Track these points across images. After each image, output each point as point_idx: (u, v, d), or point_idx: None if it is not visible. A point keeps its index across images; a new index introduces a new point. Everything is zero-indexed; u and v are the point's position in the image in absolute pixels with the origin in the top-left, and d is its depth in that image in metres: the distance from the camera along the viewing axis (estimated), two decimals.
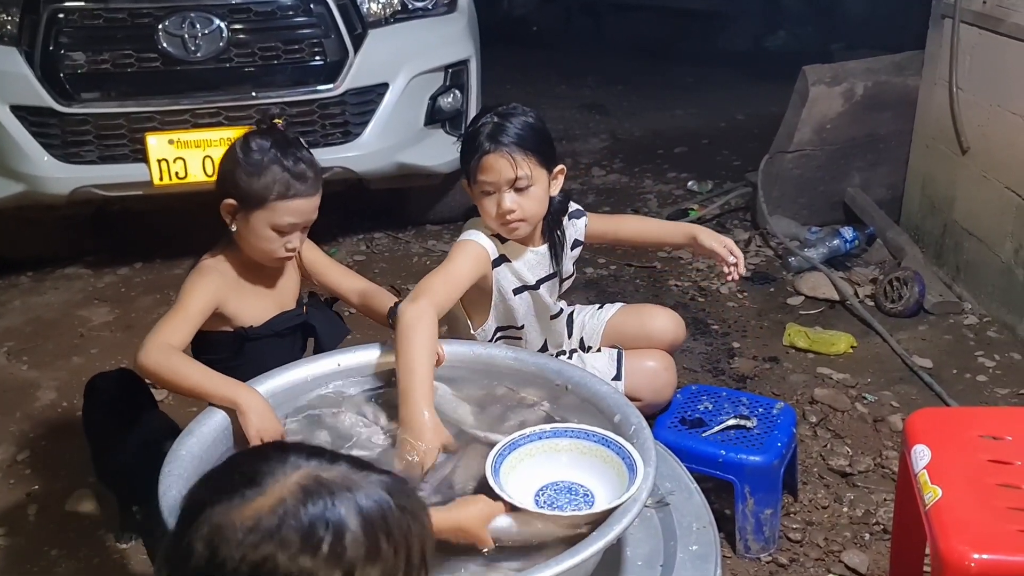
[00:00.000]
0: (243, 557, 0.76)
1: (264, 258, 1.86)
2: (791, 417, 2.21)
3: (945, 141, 3.43)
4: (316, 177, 1.82)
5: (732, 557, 2.11)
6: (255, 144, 1.79)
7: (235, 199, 1.80)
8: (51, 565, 2.15)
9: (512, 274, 2.08)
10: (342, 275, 2.06)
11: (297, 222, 1.81)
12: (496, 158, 1.90)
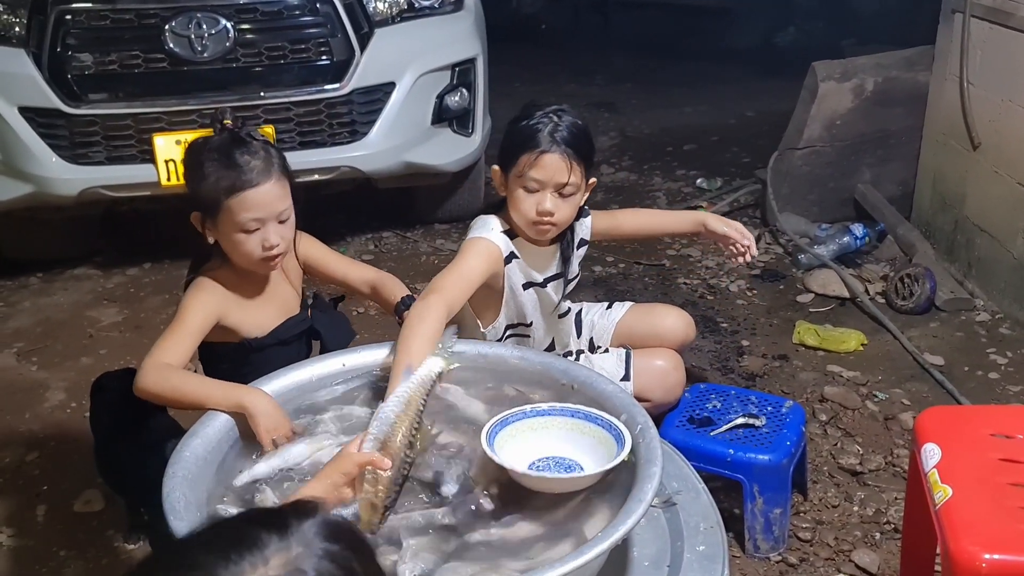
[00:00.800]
0: None
1: (249, 263, 1.80)
2: (800, 416, 2.20)
3: (956, 137, 3.40)
4: (265, 165, 1.73)
5: (741, 557, 2.10)
6: (197, 150, 1.76)
7: (197, 210, 1.78)
8: (60, 566, 2.15)
9: (521, 271, 2.08)
10: (348, 266, 2.03)
11: (260, 216, 1.73)
12: (555, 158, 1.91)
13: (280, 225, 1.78)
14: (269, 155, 1.76)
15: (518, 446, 1.48)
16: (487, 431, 1.46)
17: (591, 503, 1.40)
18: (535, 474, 1.43)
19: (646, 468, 1.37)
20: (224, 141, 1.75)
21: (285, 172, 1.79)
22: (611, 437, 1.46)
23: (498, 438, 1.46)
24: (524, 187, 1.95)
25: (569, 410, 1.53)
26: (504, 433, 1.48)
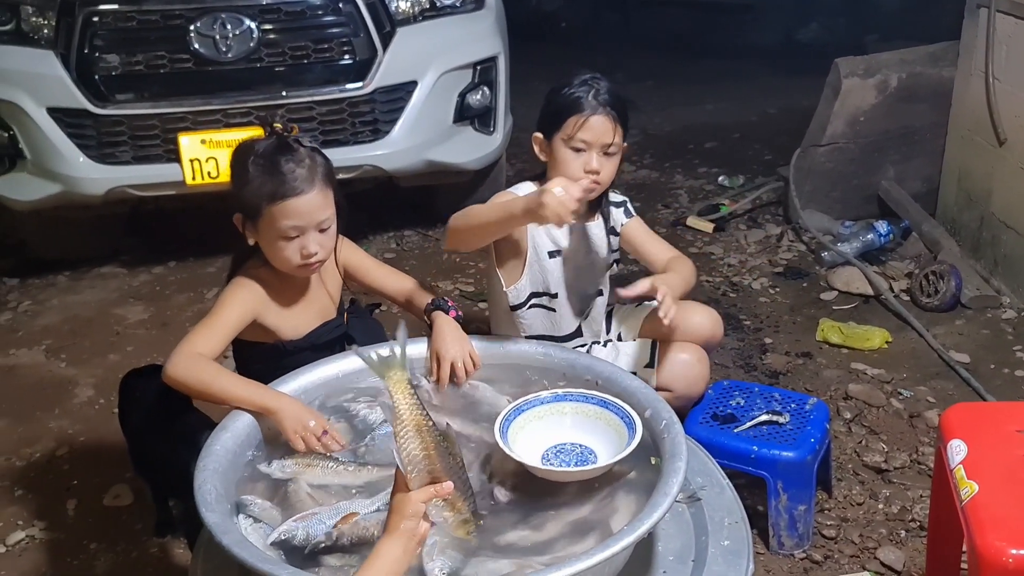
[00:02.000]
0: None
1: (286, 268, 1.80)
2: (824, 412, 2.19)
3: (982, 133, 3.37)
4: (310, 175, 1.73)
5: (765, 553, 2.10)
6: (243, 153, 1.77)
7: (239, 212, 1.78)
8: (90, 558, 2.18)
9: (548, 236, 2.11)
10: (387, 275, 2.03)
11: (300, 224, 1.73)
12: (602, 120, 1.99)
13: (320, 234, 1.77)
14: (314, 163, 1.76)
15: (532, 434, 1.50)
16: (500, 421, 1.48)
17: (616, 498, 1.41)
18: (546, 467, 1.45)
19: (671, 463, 1.37)
20: (271, 146, 1.74)
21: (329, 181, 1.78)
22: (623, 424, 1.47)
23: (512, 426, 1.48)
24: (572, 148, 2.02)
25: (582, 396, 1.55)
26: (519, 421, 1.50)
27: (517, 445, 1.47)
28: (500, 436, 1.45)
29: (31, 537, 2.26)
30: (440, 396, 1.71)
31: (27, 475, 2.51)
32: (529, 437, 1.50)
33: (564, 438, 1.53)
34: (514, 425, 1.50)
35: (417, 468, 1.27)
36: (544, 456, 1.50)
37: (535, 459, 1.47)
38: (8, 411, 2.82)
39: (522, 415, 1.52)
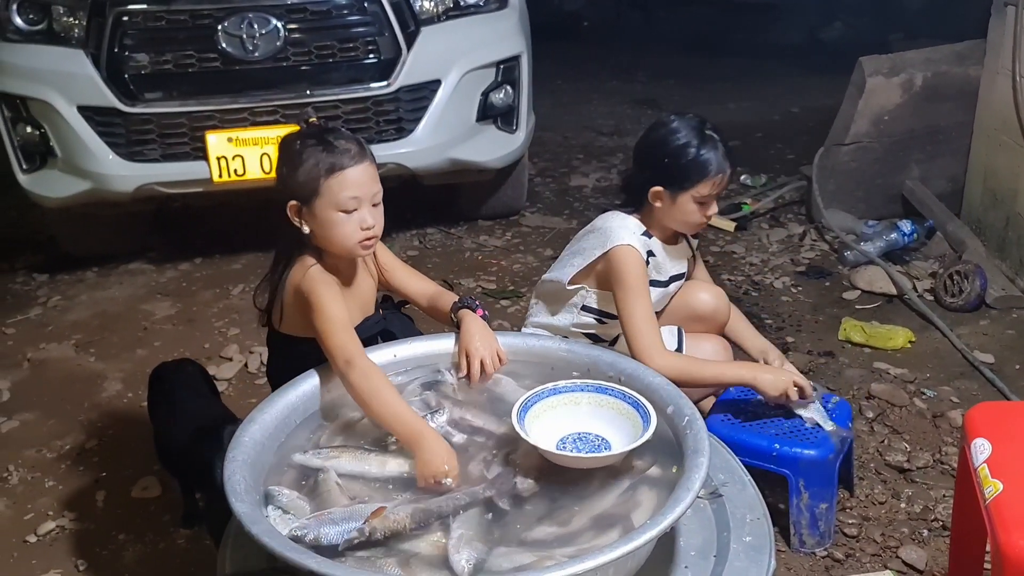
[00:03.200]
0: None
1: (347, 246, 1.80)
2: (847, 411, 2.19)
3: (1008, 131, 3.34)
4: (360, 148, 1.79)
5: (786, 551, 2.10)
6: (292, 141, 1.81)
7: (295, 199, 1.80)
8: (119, 549, 2.22)
9: (652, 269, 2.19)
10: (411, 277, 2.04)
11: (357, 195, 1.76)
12: (728, 174, 2.14)
13: (374, 208, 1.80)
14: (357, 140, 1.82)
15: (548, 422, 1.53)
16: (518, 408, 1.50)
17: (639, 493, 1.43)
18: (560, 452, 1.48)
19: (693, 459, 1.38)
20: (317, 130, 1.80)
21: (374, 160, 1.84)
22: (637, 413, 1.49)
23: (529, 415, 1.51)
24: (701, 201, 2.13)
25: (597, 386, 1.57)
26: (535, 409, 1.53)
27: (533, 432, 1.50)
28: (517, 422, 1.48)
29: (61, 527, 2.31)
30: (463, 391, 1.73)
31: (57, 467, 2.56)
32: (545, 425, 1.54)
33: (579, 427, 1.56)
34: (531, 413, 1.53)
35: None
36: (559, 443, 1.53)
37: (550, 446, 1.50)
38: (38, 404, 2.87)
39: (539, 403, 1.56)
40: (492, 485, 1.45)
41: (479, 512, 1.40)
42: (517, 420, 1.50)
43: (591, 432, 1.55)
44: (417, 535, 1.35)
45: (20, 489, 2.47)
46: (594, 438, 1.54)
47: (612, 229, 2.17)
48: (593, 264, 2.19)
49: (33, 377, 3.05)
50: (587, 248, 2.21)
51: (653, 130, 2.20)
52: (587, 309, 2.25)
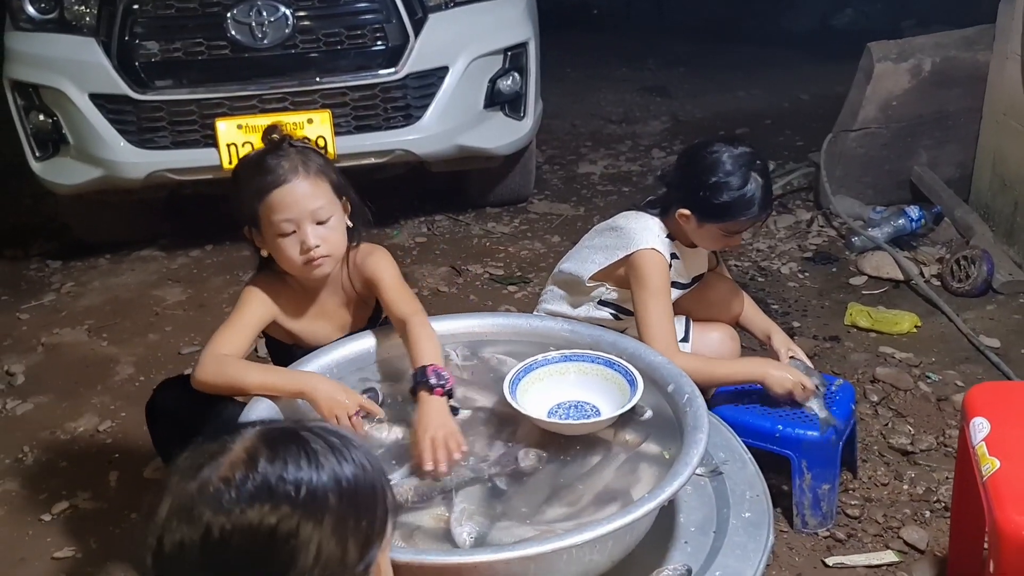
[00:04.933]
0: (231, 514, 0.79)
1: (294, 268, 1.77)
2: (850, 394, 2.21)
3: (1017, 117, 3.34)
4: (293, 165, 1.71)
5: (789, 532, 2.12)
6: (239, 165, 1.81)
7: (245, 223, 1.78)
8: (131, 528, 2.26)
9: (675, 271, 2.21)
10: (393, 297, 1.84)
11: (290, 216, 1.70)
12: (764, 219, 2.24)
13: (319, 226, 1.73)
14: (305, 157, 1.74)
15: (540, 392, 1.57)
16: (509, 381, 1.53)
17: (639, 469, 1.45)
18: (551, 420, 1.52)
19: (692, 435, 1.41)
20: (259, 152, 1.76)
21: (323, 173, 1.75)
22: (625, 381, 1.52)
23: (520, 385, 1.54)
24: (728, 234, 2.16)
25: (586, 356, 1.60)
26: (526, 380, 1.56)
27: (525, 403, 1.53)
28: (509, 394, 1.51)
29: (75, 507, 2.35)
30: (470, 371, 1.75)
31: (71, 448, 2.60)
32: (537, 395, 1.57)
33: (570, 396, 1.60)
34: (521, 385, 1.56)
35: None
36: (551, 412, 1.55)
37: (542, 416, 1.53)
38: (52, 387, 2.91)
39: (528, 375, 1.59)
40: (496, 463, 1.47)
41: (482, 488, 1.43)
42: (509, 392, 1.52)
43: (581, 400, 1.58)
44: (420, 508, 1.38)
45: (35, 470, 2.52)
46: (584, 406, 1.57)
47: (636, 231, 2.17)
48: (615, 264, 2.19)
49: (47, 361, 3.09)
50: (610, 247, 2.20)
51: (698, 154, 2.15)
52: (604, 303, 2.26)
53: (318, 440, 0.86)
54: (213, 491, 0.81)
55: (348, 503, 0.84)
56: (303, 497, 0.81)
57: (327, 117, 3.31)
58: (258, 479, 0.81)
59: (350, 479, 0.85)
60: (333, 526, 0.82)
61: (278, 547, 0.80)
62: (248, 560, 0.80)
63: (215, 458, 0.83)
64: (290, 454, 0.83)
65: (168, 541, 0.81)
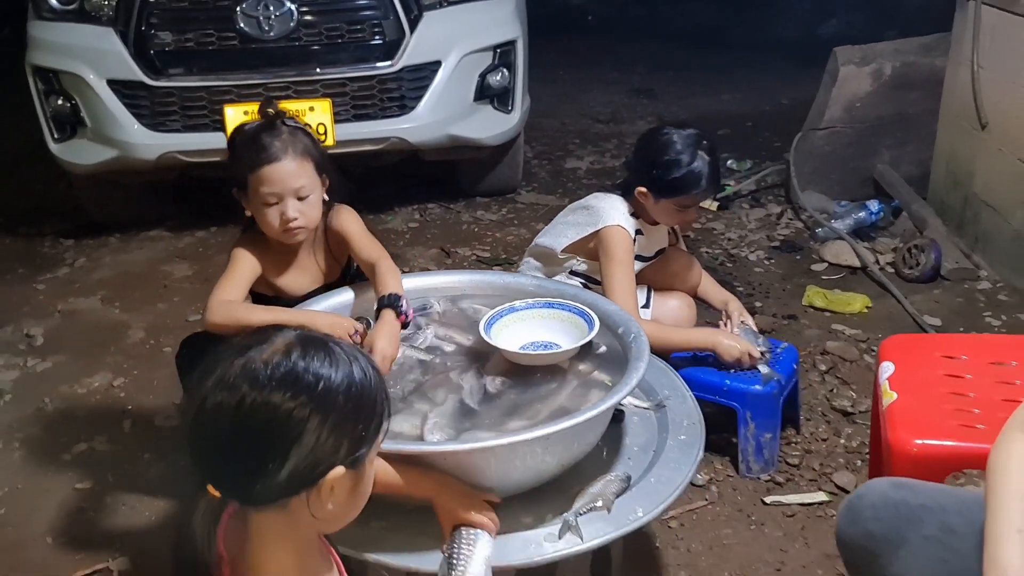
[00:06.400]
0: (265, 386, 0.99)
1: (273, 233, 1.97)
2: (794, 355, 2.46)
3: (967, 118, 3.60)
4: (283, 146, 1.91)
5: (735, 476, 2.37)
6: (235, 134, 2.02)
7: (235, 185, 2.00)
8: (144, 466, 2.50)
9: (638, 245, 2.47)
10: (362, 245, 2.06)
11: (275, 191, 1.90)
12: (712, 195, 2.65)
13: (299, 201, 1.94)
14: (294, 138, 1.94)
15: (511, 333, 1.82)
16: (484, 323, 1.78)
17: (588, 392, 1.70)
18: (520, 352, 1.77)
19: (635, 363, 1.65)
20: (256, 126, 1.97)
21: (308, 154, 1.94)
22: (583, 321, 1.77)
23: (493, 329, 1.79)
24: (681, 209, 2.42)
25: (547, 303, 1.86)
26: (498, 324, 1.81)
27: (498, 341, 1.77)
28: (484, 333, 1.76)
29: (92, 448, 2.59)
30: (448, 316, 2.00)
31: (88, 400, 2.84)
32: (508, 336, 1.81)
33: (536, 336, 1.84)
34: (495, 327, 1.81)
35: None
36: (520, 349, 1.80)
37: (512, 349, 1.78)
38: (70, 347, 3.15)
39: (501, 319, 1.83)
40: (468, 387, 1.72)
41: (454, 405, 1.67)
42: (484, 332, 1.77)
43: (546, 340, 1.82)
44: (401, 415, 1.63)
45: (55, 417, 2.76)
46: (549, 344, 1.81)
47: (605, 210, 2.43)
48: (586, 239, 2.44)
49: (64, 326, 3.33)
50: (581, 223, 2.45)
51: (651, 136, 2.43)
52: (575, 273, 2.51)
53: (340, 350, 1.07)
54: (253, 368, 1.01)
55: (353, 405, 1.04)
56: (319, 391, 1.01)
57: (327, 106, 3.55)
58: (289, 366, 1.02)
59: (359, 385, 1.05)
60: (336, 423, 1.03)
61: (289, 428, 1.00)
62: (264, 431, 1.00)
63: (260, 345, 1.04)
64: (317, 354, 1.04)
65: (211, 401, 1.01)
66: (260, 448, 1.00)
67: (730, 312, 2.52)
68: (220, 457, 1.01)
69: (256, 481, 1.00)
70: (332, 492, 1.04)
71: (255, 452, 1.00)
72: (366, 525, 1.34)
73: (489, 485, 1.51)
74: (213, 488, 1.03)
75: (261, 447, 1.00)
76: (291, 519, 1.04)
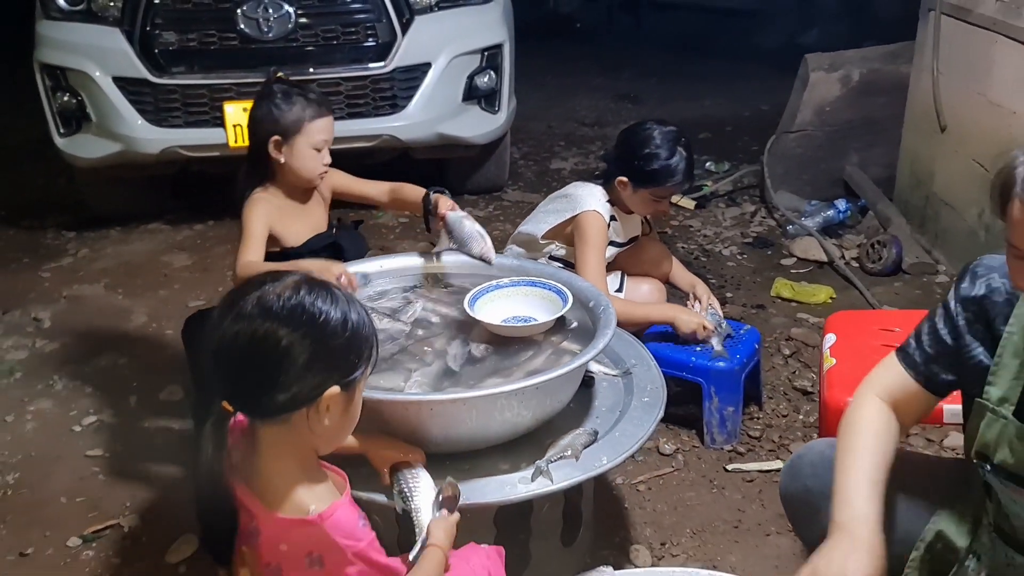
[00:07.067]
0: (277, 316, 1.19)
1: (309, 177, 2.26)
2: (755, 337, 2.65)
3: (928, 121, 3.81)
4: (327, 101, 2.28)
5: (700, 447, 2.56)
6: (277, 90, 2.23)
7: (278, 134, 2.21)
8: (150, 437, 2.67)
9: (613, 231, 2.67)
10: (368, 185, 2.46)
11: (327, 138, 2.23)
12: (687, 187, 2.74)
13: (328, 151, 2.27)
14: (324, 95, 2.31)
15: (493, 308, 2.00)
16: (468, 298, 1.96)
17: (560, 358, 1.87)
18: (500, 324, 1.95)
19: (602, 331, 1.84)
20: (294, 85, 2.25)
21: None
22: (559, 298, 1.96)
23: (476, 304, 1.98)
24: (656, 200, 2.61)
25: (527, 281, 2.05)
26: (483, 299, 2.00)
27: (481, 314, 1.95)
28: (468, 307, 1.94)
29: (101, 420, 2.76)
30: (437, 293, 2.18)
31: (95, 378, 3.00)
32: (490, 310, 1.99)
33: (516, 311, 2.02)
34: (478, 302, 1.99)
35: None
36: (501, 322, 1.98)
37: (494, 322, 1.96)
38: (76, 331, 3.32)
39: (484, 296, 2.01)
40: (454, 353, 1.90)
41: (438, 368, 1.85)
42: (468, 306, 1.96)
43: (525, 315, 2.01)
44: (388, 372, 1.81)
45: (64, 393, 2.92)
46: (527, 318, 2.00)
47: (582, 197, 2.63)
48: (564, 224, 2.64)
49: (70, 310, 3.50)
50: (560, 210, 2.66)
51: (634, 130, 2.64)
52: (554, 258, 2.71)
53: (340, 292, 1.27)
54: (267, 300, 1.20)
55: (348, 337, 1.23)
56: (320, 322, 1.20)
57: None
58: (296, 300, 1.21)
59: (354, 321, 1.25)
60: (333, 351, 1.21)
61: (294, 352, 1.19)
62: (273, 353, 1.19)
63: (274, 282, 1.23)
64: (320, 293, 1.23)
65: (228, 330, 1.21)
66: (269, 368, 1.19)
67: (698, 294, 2.72)
68: (235, 375, 1.20)
69: (265, 396, 1.19)
70: (328, 410, 1.23)
71: (265, 372, 1.19)
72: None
73: (470, 436, 1.69)
74: (228, 404, 1.21)
75: (270, 367, 1.19)
76: (293, 433, 1.23)
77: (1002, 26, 3.17)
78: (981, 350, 1.39)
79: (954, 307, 1.43)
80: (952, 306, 1.43)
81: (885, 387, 1.48)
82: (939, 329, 1.44)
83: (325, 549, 1.23)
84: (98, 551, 2.20)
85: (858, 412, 1.46)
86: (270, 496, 1.24)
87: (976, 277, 1.42)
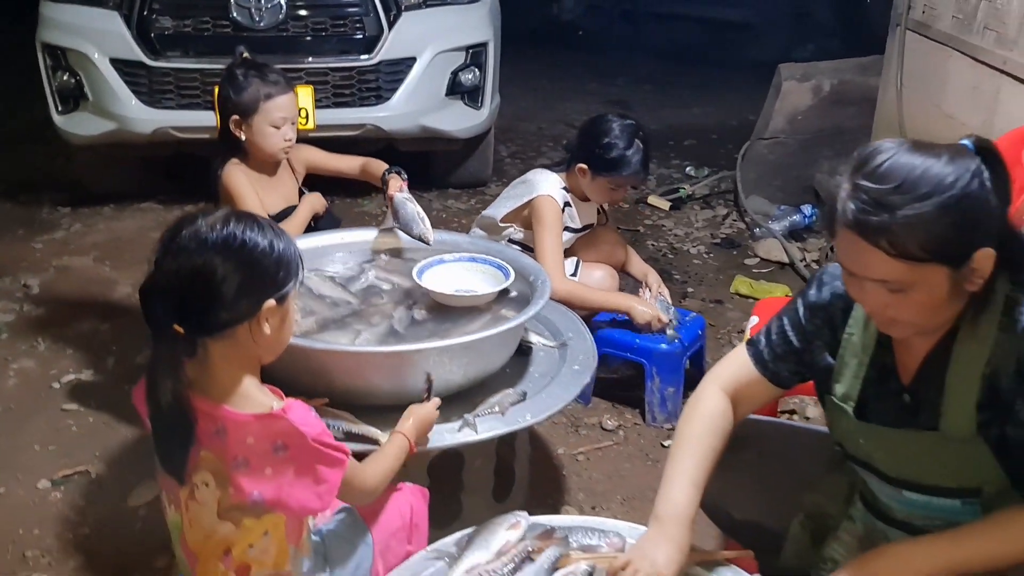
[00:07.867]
0: (210, 247, 1.35)
1: (272, 152, 2.41)
2: (700, 323, 2.79)
3: (892, 132, 3.95)
4: (285, 80, 2.42)
5: (641, 424, 2.70)
6: (237, 71, 2.40)
7: (237, 114, 2.39)
8: (125, 395, 2.76)
9: (568, 217, 2.82)
10: (340, 159, 2.64)
11: (286, 116, 2.38)
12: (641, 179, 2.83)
13: (292, 126, 2.43)
14: (283, 74, 2.46)
15: (438, 280, 2.15)
16: (416, 270, 2.11)
17: (499, 323, 2.02)
18: (448, 292, 2.09)
19: (537, 299, 1.99)
20: (252, 64, 2.41)
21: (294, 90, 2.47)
22: (501, 273, 2.10)
23: (426, 273, 2.13)
24: (613, 189, 2.75)
25: (472, 256, 2.20)
26: (428, 273, 2.15)
27: (428, 284, 2.10)
28: (417, 277, 2.09)
29: (79, 379, 2.91)
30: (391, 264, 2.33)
31: (76, 341, 3.16)
32: (437, 281, 2.14)
33: (460, 284, 2.17)
34: (427, 273, 2.14)
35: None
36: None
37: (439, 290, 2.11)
38: (62, 298, 3.48)
39: (431, 269, 2.17)
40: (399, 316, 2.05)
41: (384, 328, 2.00)
42: (416, 276, 2.10)
43: (468, 287, 2.15)
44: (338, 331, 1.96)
45: (46, 354, 3.08)
46: (470, 290, 2.14)
47: (539, 182, 2.79)
48: (521, 208, 2.80)
49: (58, 279, 3.65)
50: (518, 195, 2.82)
51: (596, 121, 2.80)
52: (513, 241, 2.86)
53: (266, 223, 1.43)
54: (201, 231, 1.37)
55: (275, 260, 1.40)
56: (249, 247, 1.37)
57: (310, 92, 3.89)
58: (228, 230, 1.37)
59: (279, 247, 1.41)
60: (263, 271, 1.38)
61: (230, 274, 1.35)
62: (211, 277, 1.35)
63: (206, 215, 1.40)
64: (249, 224, 1.40)
65: (171, 264, 1.37)
66: (212, 291, 1.35)
67: (649, 283, 2.87)
68: (182, 301, 1.35)
69: (210, 315, 1.36)
70: (267, 321, 1.40)
71: (209, 294, 1.35)
72: None
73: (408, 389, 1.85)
74: (178, 326, 1.36)
75: (212, 290, 1.35)
76: (239, 345, 1.40)
77: (956, 41, 3.32)
78: (827, 353, 1.48)
79: (803, 312, 1.51)
80: (801, 311, 1.51)
81: (732, 377, 1.57)
82: (787, 331, 1.52)
83: (288, 437, 1.39)
84: (65, 494, 2.35)
85: (699, 404, 1.55)
86: (232, 399, 1.41)
87: (822, 284, 1.50)
